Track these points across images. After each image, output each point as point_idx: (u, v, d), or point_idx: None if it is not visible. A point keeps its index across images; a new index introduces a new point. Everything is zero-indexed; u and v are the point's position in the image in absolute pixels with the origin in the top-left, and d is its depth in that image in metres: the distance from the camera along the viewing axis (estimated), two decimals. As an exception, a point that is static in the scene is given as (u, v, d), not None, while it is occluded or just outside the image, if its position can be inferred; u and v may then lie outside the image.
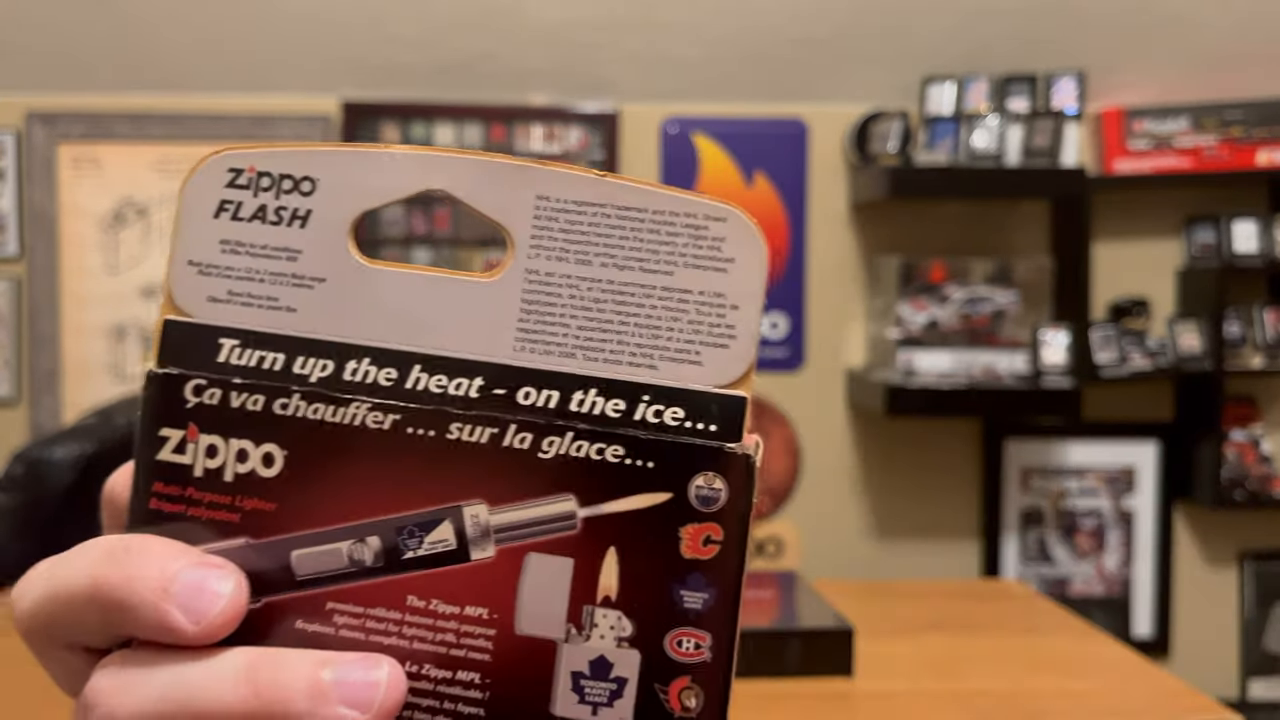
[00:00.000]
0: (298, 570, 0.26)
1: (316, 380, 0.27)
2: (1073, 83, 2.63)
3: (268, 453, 0.27)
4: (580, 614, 0.26)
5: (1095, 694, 1.07)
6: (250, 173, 0.27)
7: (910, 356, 2.60)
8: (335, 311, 0.27)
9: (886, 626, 1.22)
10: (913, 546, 2.78)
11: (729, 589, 0.26)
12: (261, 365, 0.27)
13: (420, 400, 0.26)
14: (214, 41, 2.57)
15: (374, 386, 0.27)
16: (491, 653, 0.26)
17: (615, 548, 0.26)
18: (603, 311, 0.27)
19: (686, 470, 0.26)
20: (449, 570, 0.26)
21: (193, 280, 0.27)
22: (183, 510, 0.27)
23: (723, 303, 0.27)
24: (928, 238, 2.72)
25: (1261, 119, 2.66)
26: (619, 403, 0.27)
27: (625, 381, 0.27)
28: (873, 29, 2.56)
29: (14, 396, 2.70)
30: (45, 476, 1.75)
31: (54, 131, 2.68)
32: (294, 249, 0.27)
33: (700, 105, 2.71)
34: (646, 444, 0.26)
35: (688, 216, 0.27)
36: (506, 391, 0.26)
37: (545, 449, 0.26)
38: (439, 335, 0.27)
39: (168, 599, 0.24)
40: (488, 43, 2.57)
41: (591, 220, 0.27)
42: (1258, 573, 2.79)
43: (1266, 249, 2.66)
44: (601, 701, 0.26)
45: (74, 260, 2.69)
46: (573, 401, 0.27)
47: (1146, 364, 2.64)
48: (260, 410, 0.27)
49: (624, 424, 0.26)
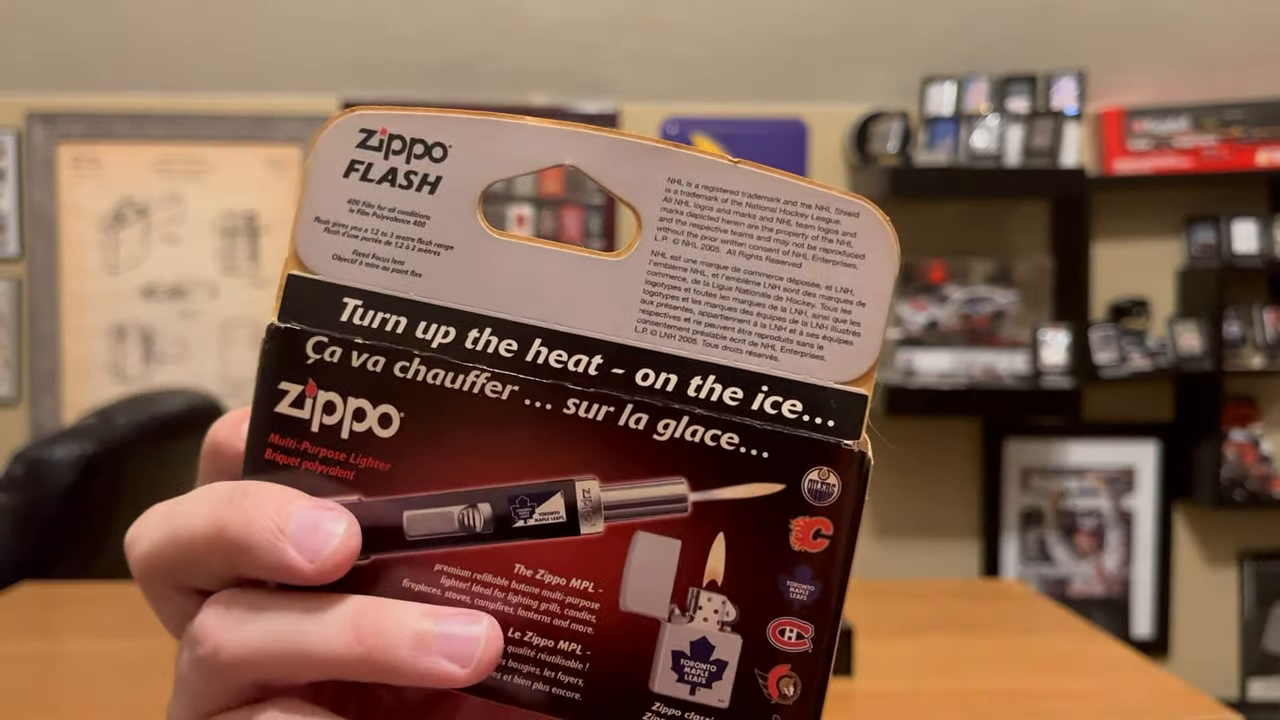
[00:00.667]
0: (409, 530, 0.27)
1: (438, 346, 0.27)
2: (1073, 83, 2.63)
3: (385, 413, 0.27)
4: (685, 595, 0.26)
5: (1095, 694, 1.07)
6: (382, 134, 0.27)
7: (910, 356, 2.60)
8: (460, 279, 0.27)
9: (886, 626, 1.22)
10: (913, 546, 2.78)
11: (835, 583, 0.27)
12: (384, 327, 0.27)
13: (539, 374, 0.27)
14: (214, 41, 2.57)
15: (494, 356, 0.27)
16: (594, 626, 0.26)
17: (724, 534, 0.26)
18: (726, 299, 0.27)
19: (801, 463, 0.26)
20: (557, 542, 0.26)
21: (319, 237, 0.27)
22: (297, 463, 0.27)
23: (849, 299, 0.27)
24: (928, 238, 2.72)
25: (1261, 119, 2.66)
26: (737, 391, 0.27)
27: (745, 370, 0.27)
28: (873, 29, 2.56)
29: (14, 396, 2.70)
30: (45, 476, 1.75)
31: (54, 131, 2.68)
32: (422, 214, 0.27)
33: (700, 105, 2.71)
34: (762, 434, 0.26)
35: (820, 209, 0.27)
36: (625, 371, 0.27)
37: (660, 431, 0.26)
38: (561, 311, 0.27)
39: (284, 538, 0.25)
40: (488, 43, 2.57)
41: (721, 206, 0.27)
42: (1258, 573, 2.79)
43: (1266, 249, 2.66)
44: (700, 682, 0.27)
45: (74, 260, 2.69)
46: (690, 386, 0.27)
47: (1146, 364, 2.64)
48: (380, 371, 0.27)
49: (741, 412, 0.26)
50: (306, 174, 0.28)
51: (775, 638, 0.27)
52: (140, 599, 1.08)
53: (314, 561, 0.25)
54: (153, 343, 2.71)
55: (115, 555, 1.93)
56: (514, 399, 0.27)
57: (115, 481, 1.89)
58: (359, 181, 0.27)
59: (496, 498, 0.26)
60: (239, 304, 2.72)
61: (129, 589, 1.41)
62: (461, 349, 0.27)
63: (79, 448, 1.79)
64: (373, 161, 0.27)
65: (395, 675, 0.25)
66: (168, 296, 2.71)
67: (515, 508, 0.26)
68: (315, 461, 0.27)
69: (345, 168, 0.27)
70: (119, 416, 1.95)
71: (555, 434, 0.26)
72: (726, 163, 0.27)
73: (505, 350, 0.27)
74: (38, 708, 1.02)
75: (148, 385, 2.62)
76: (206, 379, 2.68)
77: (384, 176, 0.27)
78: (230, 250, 2.71)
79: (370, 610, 0.25)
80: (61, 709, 1.03)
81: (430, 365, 0.27)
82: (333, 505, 0.26)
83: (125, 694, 1.05)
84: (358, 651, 0.25)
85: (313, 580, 0.25)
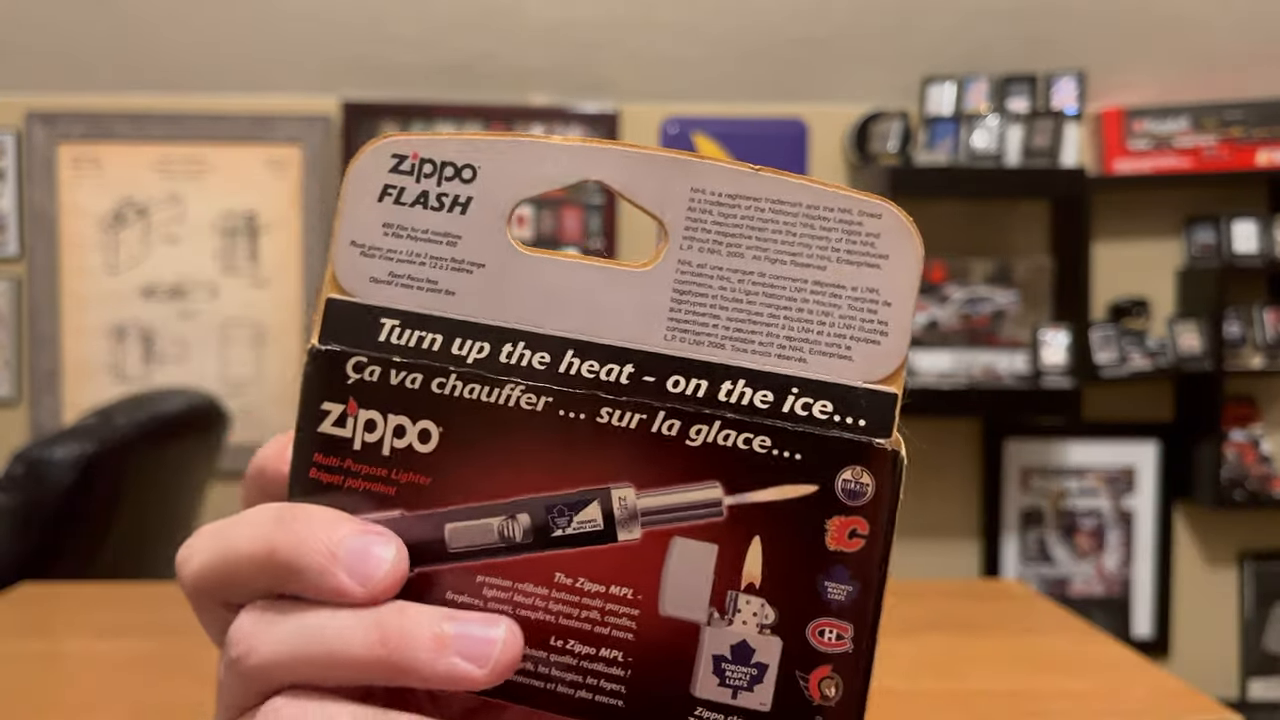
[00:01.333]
0: (450, 543, 0.27)
1: (473, 361, 0.27)
2: (1073, 83, 2.63)
3: (424, 429, 0.27)
4: (724, 599, 0.27)
5: (1095, 694, 1.07)
6: (414, 159, 0.28)
7: (910, 356, 2.59)
8: (493, 296, 0.28)
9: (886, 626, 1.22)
10: (913, 546, 2.78)
11: (873, 582, 0.27)
12: (420, 345, 0.28)
13: (572, 384, 0.27)
14: (214, 41, 2.57)
15: (528, 369, 0.27)
16: (634, 632, 0.27)
17: (760, 536, 0.27)
18: (753, 304, 0.27)
19: (834, 464, 0.27)
20: (596, 550, 0.27)
21: (356, 261, 0.28)
22: (341, 481, 0.28)
23: (875, 299, 0.27)
24: (928, 238, 2.69)
25: (1261, 119, 2.66)
26: (767, 394, 0.27)
27: (774, 373, 0.27)
28: (873, 29, 2.56)
29: (14, 396, 2.70)
30: (45, 476, 1.75)
31: (54, 131, 2.68)
32: (454, 234, 0.28)
33: (700, 105, 2.71)
34: (794, 435, 0.27)
35: (842, 212, 0.27)
36: (656, 379, 0.27)
37: (693, 437, 0.27)
38: (592, 322, 0.27)
39: (335, 563, 0.26)
40: (488, 43, 2.57)
41: (745, 214, 0.27)
42: (1258, 573, 2.79)
43: (1266, 249, 2.66)
44: (742, 686, 0.27)
45: (74, 260, 2.69)
46: (721, 391, 0.27)
47: (1146, 364, 2.64)
48: (418, 389, 0.28)
49: (772, 415, 0.27)
50: (341, 200, 0.28)
51: (815, 639, 0.27)
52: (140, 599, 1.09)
53: (365, 585, 0.26)
54: (153, 343, 2.71)
55: (115, 555, 1.93)
56: (549, 410, 0.27)
57: (115, 481, 1.89)
58: (392, 205, 0.28)
59: (535, 508, 0.27)
60: (239, 304, 2.72)
61: (129, 589, 1.41)
62: (496, 364, 0.27)
63: (79, 448, 1.79)
64: (405, 185, 0.28)
65: (416, 677, 0.25)
66: (168, 296, 2.71)
67: (553, 517, 0.27)
68: (359, 479, 0.28)
69: (379, 192, 0.28)
70: (119, 416, 1.95)
71: (590, 443, 0.27)
72: (748, 170, 0.27)
73: (539, 363, 0.27)
74: (38, 708, 1.02)
75: (148, 385, 2.62)
76: (206, 379, 2.68)
77: (417, 199, 0.28)
78: (230, 250, 2.71)
79: (393, 614, 0.26)
80: (61, 709, 1.03)
81: (466, 380, 0.27)
82: (381, 530, 0.27)
83: (125, 694, 1.05)
84: (379, 653, 0.25)
85: (364, 603, 0.26)
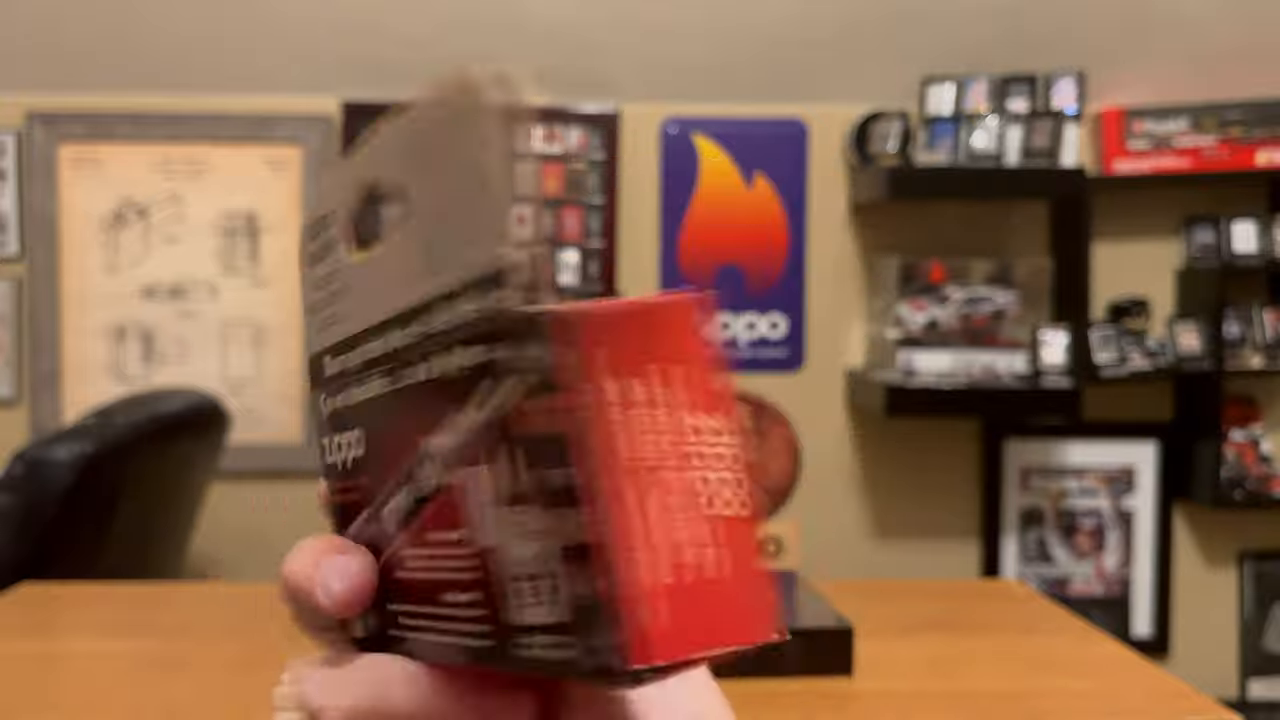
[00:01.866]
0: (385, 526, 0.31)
1: (356, 366, 0.31)
2: (1072, 83, 2.63)
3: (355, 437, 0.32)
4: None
5: (1095, 694, 1.07)
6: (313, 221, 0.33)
7: (910, 356, 2.60)
8: (354, 307, 0.31)
9: (886, 626, 1.22)
10: (913, 546, 2.78)
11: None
12: (343, 367, 0.32)
13: (398, 359, 0.29)
14: (214, 41, 2.57)
15: (376, 359, 0.30)
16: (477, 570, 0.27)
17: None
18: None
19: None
20: (440, 501, 0.28)
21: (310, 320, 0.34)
22: (340, 500, 0.33)
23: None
24: (927, 238, 2.72)
25: (1261, 119, 2.66)
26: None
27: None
28: (873, 29, 2.56)
29: (14, 396, 2.70)
30: (45, 476, 1.75)
31: (54, 131, 2.68)
32: (332, 271, 0.32)
33: (700, 105, 2.71)
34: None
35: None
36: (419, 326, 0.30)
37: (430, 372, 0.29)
38: (372, 303, 0.30)
39: (314, 584, 0.30)
40: (488, 43, 2.57)
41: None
42: (1257, 573, 2.79)
43: (1266, 249, 2.66)
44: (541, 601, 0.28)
45: (74, 260, 2.69)
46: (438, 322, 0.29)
47: (1146, 364, 2.64)
48: (341, 406, 0.32)
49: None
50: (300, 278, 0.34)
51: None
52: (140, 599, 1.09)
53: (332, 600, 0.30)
54: (153, 343, 2.71)
55: (115, 555, 1.93)
56: (393, 386, 0.30)
57: (115, 482, 1.89)
58: (308, 269, 0.33)
59: (397, 487, 0.29)
60: (239, 304, 2.72)
61: (129, 589, 1.41)
62: (366, 363, 0.31)
63: (79, 448, 1.79)
64: (312, 249, 0.33)
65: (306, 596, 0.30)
66: (168, 296, 2.71)
67: (406, 489, 0.29)
68: (344, 494, 0.32)
69: (305, 262, 0.33)
70: (119, 416, 1.95)
71: (415, 403, 0.28)
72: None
73: (379, 350, 0.30)
74: (38, 708, 1.02)
75: (148, 385, 2.62)
76: (206, 379, 2.68)
77: (313, 257, 0.33)
78: (230, 250, 2.72)
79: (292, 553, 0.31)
80: (61, 709, 1.03)
81: (356, 385, 0.31)
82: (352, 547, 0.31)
83: (125, 694, 1.05)
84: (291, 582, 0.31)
85: (337, 615, 0.30)
